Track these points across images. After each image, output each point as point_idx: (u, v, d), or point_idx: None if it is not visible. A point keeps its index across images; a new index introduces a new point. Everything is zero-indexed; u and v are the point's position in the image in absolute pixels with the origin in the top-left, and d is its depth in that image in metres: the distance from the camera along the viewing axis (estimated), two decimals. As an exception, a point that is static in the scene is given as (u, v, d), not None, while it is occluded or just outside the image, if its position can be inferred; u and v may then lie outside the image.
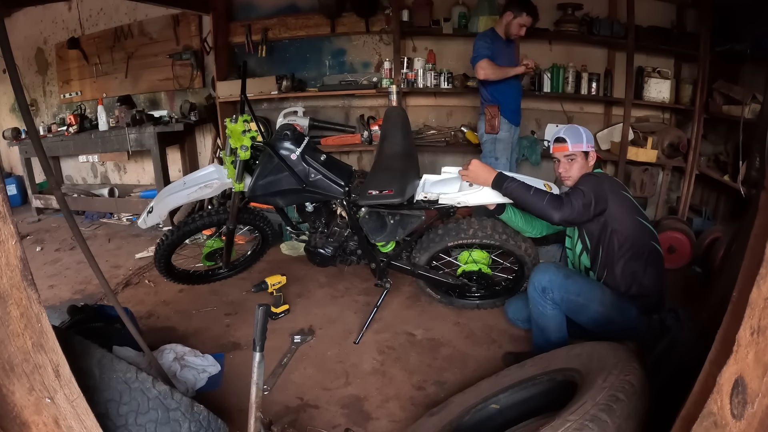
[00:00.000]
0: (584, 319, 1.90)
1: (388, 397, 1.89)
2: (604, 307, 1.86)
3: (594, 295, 1.87)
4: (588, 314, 1.88)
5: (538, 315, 1.93)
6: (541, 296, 1.88)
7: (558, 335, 1.92)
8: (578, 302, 1.86)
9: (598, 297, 1.87)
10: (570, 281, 1.87)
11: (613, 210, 1.87)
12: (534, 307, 1.93)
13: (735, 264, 0.90)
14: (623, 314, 1.86)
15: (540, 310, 1.90)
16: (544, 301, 1.88)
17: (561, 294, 1.85)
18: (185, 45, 4.18)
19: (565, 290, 1.85)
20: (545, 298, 1.87)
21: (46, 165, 1.26)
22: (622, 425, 1.05)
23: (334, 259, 2.37)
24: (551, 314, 1.89)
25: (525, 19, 2.88)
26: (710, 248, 2.81)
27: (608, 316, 1.86)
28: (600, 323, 1.88)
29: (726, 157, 3.12)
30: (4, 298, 0.82)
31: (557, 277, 1.87)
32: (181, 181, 2.40)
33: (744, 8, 2.92)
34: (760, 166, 2.40)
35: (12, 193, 5.03)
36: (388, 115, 2.61)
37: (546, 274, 1.88)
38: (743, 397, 0.80)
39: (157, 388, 1.30)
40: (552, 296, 1.86)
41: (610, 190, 1.87)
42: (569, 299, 1.86)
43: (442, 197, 2.09)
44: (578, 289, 1.87)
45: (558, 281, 1.86)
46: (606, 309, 1.86)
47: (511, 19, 2.89)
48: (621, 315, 1.86)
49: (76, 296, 2.82)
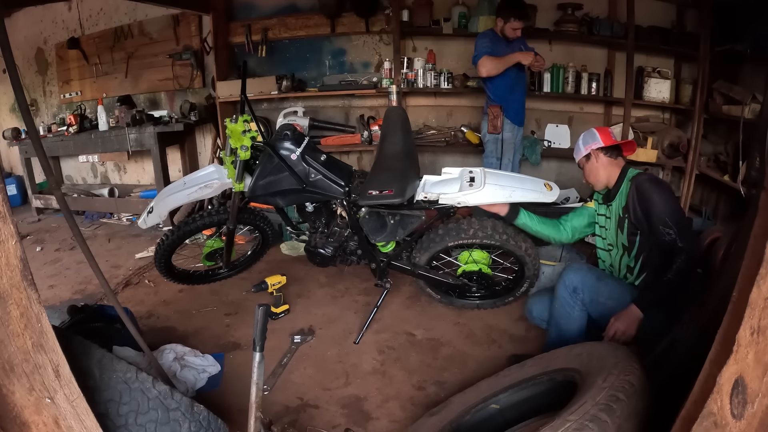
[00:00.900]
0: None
1: (388, 397, 1.89)
2: None
3: (624, 298, 1.81)
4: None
5: (563, 316, 1.90)
6: (571, 296, 1.86)
7: (576, 339, 1.87)
8: (607, 305, 1.83)
9: (628, 302, 1.79)
10: (602, 284, 1.85)
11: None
12: (561, 307, 1.90)
13: (735, 264, 0.90)
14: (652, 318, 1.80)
15: (567, 311, 1.88)
16: (574, 302, 1.85)
17: (591, 296, 1.83)
18: (185, 45, 4.18)
19: (596, 292, 1.83)
20: (575, 298, 1.85)
21: (46, 165, 1.26)
22: (622, 425, 1.05)
23: (334, 259, 2.37)
24: (578, 316, 1.87)
25: (515, 24, 2.91)
26: (710, 248, 2.81)
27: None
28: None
29: (726, 157, 3.12)
30: (4, 298, 0.82)
31: (590, 279, 1.85)
32: (181, 181, 2.40)
33: (744, 8, 2.92)
34: (760, 166, 2.40)
35: (12, 193, 5.03)
36: (388, 115, 2.61)
37: (579, 273, 1.86)
38: (743, 397, 0.80)
39: (157, 388, 1.30)
40: (582, 297, 1.84)
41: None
42: (598, 302, 1.84)
43: (442, 197, 2.09)
44: (609, 293, 1.84)
45: (590, 283, 1.84)
46: None
47: (503, 25, 2.94)
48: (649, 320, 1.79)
49: (76, 296, 2.82)
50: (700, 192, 3.58)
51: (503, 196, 2.04)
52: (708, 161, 3.35)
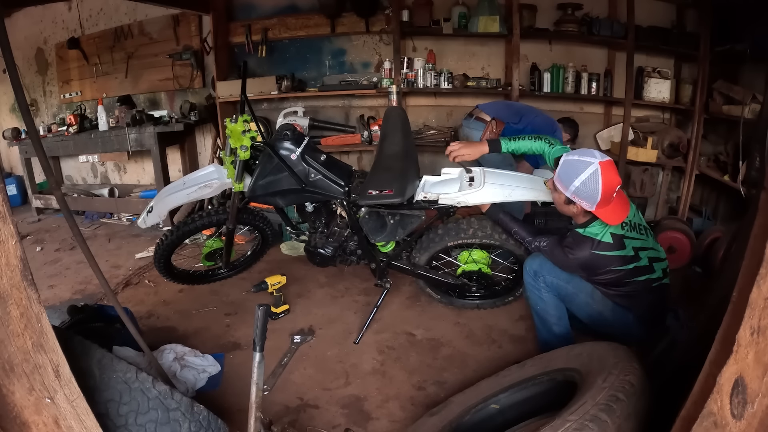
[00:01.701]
0: (578, 311, 1.95)
1: (388, 397, 1.89)
2: (593, 301, 1.88)
3: (583, 285, 1.90)
4: (580, 305, 1.92)
5: (536, 301, 1.96)
6: (534, 280, 1.93)
7: (560, 324, 1.94)
8: (568, 289, 1.90)
9: (587, 289, 1.90)
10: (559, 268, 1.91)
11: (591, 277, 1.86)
12: (531, 293, 1.98)
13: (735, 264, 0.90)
14: (616, 315, 1.87)
15: (537, 294, 1.94)
16: (538, 285, 1.92)
17: (551, 278, 1.90)
18: (185, 45, 4.18)
19: (555, 275, 1.90)
20: (537, 281, 1.92)
21: (46, 165, 1.26)
22: (622, 425, 1.05)
23: (334, 259, 2.37)
24: (547, 298, 1.92)
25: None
26: (710, 248, 2.81)
27: (600, 312, 1.89)
28: (593, 318, 1.91)
29: (726, 157, 3.12)
30: (4, 298, 0.82)
31: (547, 263, 1.92)
32: (180, 181, 2.40)
33: (744, 8, 2.92)
34: (760, 166, 2.40)
35: (12, 193, 5.02)
36: (388, 115, 2.61)
37: (536, 258, 1.96)
38: (743, 397, 0.80)
39: (157, 388, 1.31)
40: (544, 279, 1.90)
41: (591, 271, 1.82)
42: (559, 285, 1.90)
43: (442, 197, 2.09)
44: (568, 276, 1.90)
45: (548, 266, 1.91)
46: (596, 304, 1.88)
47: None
48: (613, 314, 1.87)
49: (76, 296, 2.82)
50: (700, 192, 3.58)
51: (503, 195, 2.04)
52: (708, 161, 3.35)
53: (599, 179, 1.61)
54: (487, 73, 3.79)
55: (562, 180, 1.71)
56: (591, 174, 1.62)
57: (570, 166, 1.68)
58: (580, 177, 1.64)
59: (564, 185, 1.70)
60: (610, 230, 1.75)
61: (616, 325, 1.87)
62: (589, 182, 1.62)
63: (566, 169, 1.69)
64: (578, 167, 1.65)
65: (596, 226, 1.76)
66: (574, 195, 1.68)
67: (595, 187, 1.62)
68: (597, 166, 1.61)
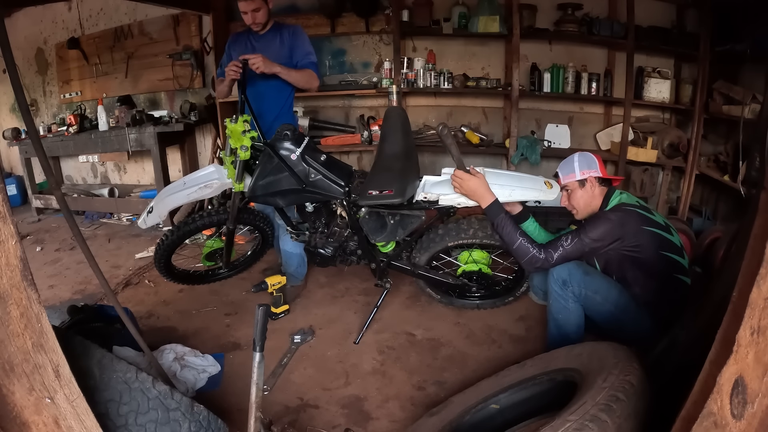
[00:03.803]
0: (598, 317, 1.90)
1: (388, 397, 1.89)
2: (618, 310, 1.83)
3: (611, 295, 1.84)
4: (602, 313, 1.86)
5: (560, 310, 1.90)
6: (561, 289, 1.86)
7: (577, 332, 1.90)
8: (596, 300, 1.84)
9: (614, 298, 1.84)
10: (589, 278, 1.85)
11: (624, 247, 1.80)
12: (555, 301, 1.90)
13: (735, 264, 0.90)
14: (636, 321, 1.84)
15: (562, 304, 1.88)
16: (566, 294, 1.86)
17: (580, 289, 1.84)
18: (185, 45, 4.18)
19: (585, 285, 1.84)
20: (566, 290, 1.85)
21: (46, 165, 1.26)
22: (622, 425, 1.05)
23: (334, 259, 2.36)
24: (573, 308, 1.87)
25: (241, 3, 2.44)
26: (710, 248, 2.81)
27: (621, 320, 1.84)
28: (611, 324, 1.86)
29: (726, 157, 3.12)
30: (4, 298, 0.82)
31: (577, 272, 1.85)
32: (181, 181, 2.40)
33: (744, 8, 2.92)
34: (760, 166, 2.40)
35: (12, 193, 5.03)
36: (388, 115, 2.61)
37: (565, 267, 1.87)
38: (743, 397, 0.80)
39: (157, 388, 1.30)
40: (572, 289, 1.84)
41: (624, 233, 1.77)
42: (587, 295, 1.84)
43: (442, 198, 2.09)
44: (597, 287, 1.85)
45: (578, 276, 1.84)
46: (621, 312, 1.83)
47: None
48: (634, 321, 1.83)
49: (76, 296, 2.82)
50: (700, 192, 3.58)
51: (503, 195, 2.04)
52: (708, 161, 3.35)
53: (587, 154, 1.96)
54: (487, 73, 3.79)
55: (566, 172, 1.94)
56: (579, 154, 1.96)
57: (564, 165, 1.97)
58: (575, 160, 1.93)
59: (570, 173, 1.93)
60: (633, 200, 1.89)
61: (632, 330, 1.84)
62: (582, 158, 1.93)
63: (563, 167, 1.96)
64: (569, 160, 1.96)
65: (617, 196, 1.91)
66: (583, 171, 1.90)
67: (589, 157, 1.94)
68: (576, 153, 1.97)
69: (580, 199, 1.93)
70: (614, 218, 1.79)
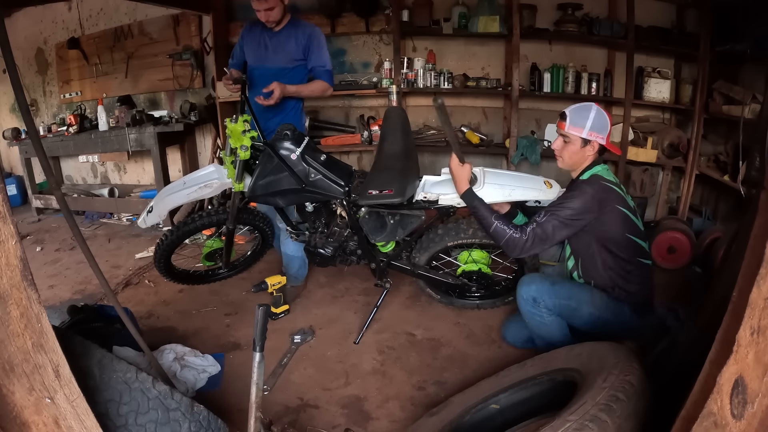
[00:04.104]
0: (580, 323, 1.88)
1: (388, 397, 1.89)
2: (595, 308, 1.84)
3: (583, 296, 1.85)
4: (582, 317, 1.86)
5: (538, 326, 1.89)
6: (534, 307, 1.85)
7: (564, 341, 1.88)
8: (570, 306, 1.84)
9: (587, 298, 1.85)
10: (557, 286, 1.86)
11: (598, 225, 1.79)
12: (531, 320, 1.89)
13: (735, 264, 0.90)
14: (616, 314, 1.85)
15: (538, 320, 1.87)
16: (539, 311, 1.85)
17: (552, 300, 1.83)
18: (185, 45, 4.18)
19: (555, 296, 1.83)
20: (538, 307, 1.84)
21: (46, 165, 1.26)
22: (622, 425, 1.05)
23: (334, 259, 2.36)
24: (550, 321, 1.86)
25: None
26: (710, 248, 2.81)
27: (602, 317, 1.84)
28: (596, 325, 1.86)
29: (726, 157, 3.12)
30: (4, 298, 0.82)
31: (544, 285, 1.85)
32: (180, 181, 2.40)
33: (744, 8, 2.92)
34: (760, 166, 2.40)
35: (12, 193, 5.02)
36: (388, 115, 2.61)
37: (532, 284, 1.86)
38: (743, 397, 0.80)
39: (157, 388, 1.30)
40: (545, 304, 1.83)
41: (599, 209, 1.76)
42: (561, 303, 1.83)
43: (442, 197, 2.09)
44: (567, 293, 1.85)
45: (545, 288, 1.84)
46: (598, 310, 1.84)
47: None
48: (614, 315, 1.84)
49: (76, 296, 2.82)
50: (700, 192, 3.58)
51: (503, 195, 2.04)
52: (708, 161, 3.35)
53: (604, 113, 1.81)
54: (487, 73, 3.79)
55: (575, 123, 1.80)
56: (597, 110, 1.80)
57: (577, 112, 1.81)
58: (590, 115, 1.79)
59: (578, 127, 1.80)
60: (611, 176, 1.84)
61: (616, 324, 1.85)
62: (598, 116, 1.79)
63: (575, 114, 1.81)
64: (584, 109, 1.81)
65: (598, 168, 1.84)
66: (591, 132, 1.79)
67: (605, 118, 1.81)
68: (595, 105, 1.82)
69: (574, 155, 1.85)
70: (591, 191, 1.76)
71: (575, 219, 1.76)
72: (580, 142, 1.81)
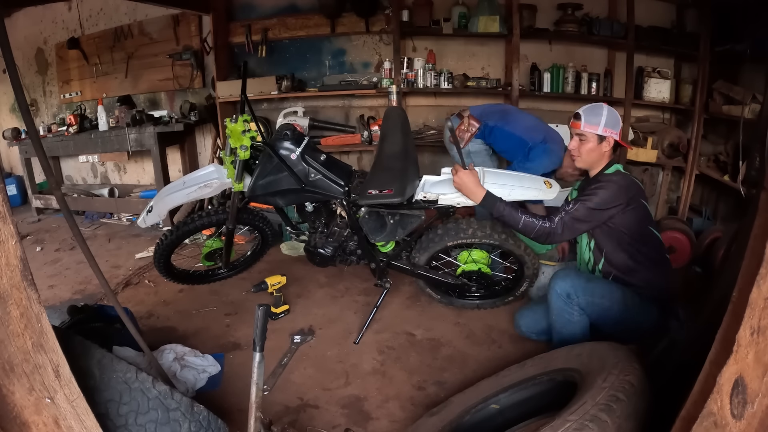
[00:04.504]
0: (610, 323, 1.84)
1: (388, 397, 1.89)
2: (627, 308, 1.80)
3: (616, 296, 1.82)
4: (613, 317, 1.82)
5: (564, 324, 1.86)
6: (566, 303, 1.82)
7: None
8: (603, 305, 1.81)
9: (620, 298, 1.81)
10: (592, 284, 1.83)
11: (626, 218, 1.80)
12: (559, 316, 1.86)
13: (735, 264, 0.90)
14: (645, 313, 1.83)
15: (567, 318, 1.84)
16: (571, 308, 1.82)
17: (586, 298, 1.80)
18: (185, 45, 4.18)
19: (590, 293, 1.81)
20: (571, 304, 1.81)
21: (46, 165, 1.26)
22: (622, 425, 1.05)
23: (334, 259, 2.36)
24: (578, 321, 1.83)
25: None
26: (710, 248, 2.82)
27: (634, 318, 1.82)
28: (628, 326, 1.83)
29: (726, 157, 3.12)
30: (4, 298, 0.82)
31: (579, 282, 1.82)
32: (180, 181, 2.40)
33: (744, 8, 2.92)
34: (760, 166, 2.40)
35: (12, 193, 5.02)
36: (388, 115, 2.61)
37: (567, 279, 1.84)
38: (743, 397, 0.80)
39: (157, 388, 1.30)
40: (578, 301, 1.80)
41: (628, 199, 1.78)
42: (594, 302, 1.81)
43: (441, 197, 2.09)
44: (602, 291, 1.82)
45: (581, 285, 1.81)
46: (629, 310, 1.81)
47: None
48: (646, 315, 1.82)
49: (76, 296, 2.82)
50: (700, 192, 3.59)
51: (503, 194, 2.04)
52: (708, 161, 3.35)
53: (614, 111, 1.88)
54: (487, 73, 3.79)
55: (590, 122, 1.85)
56: (608, 108, 1.87)
57: (591, 111, 1.87)
58: (603, 113, 1.85)
59: (593, 125, 1.85)
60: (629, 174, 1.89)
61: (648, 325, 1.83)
62: (611, 114, 1.86)
63: (589, 113, 1.86)
64: (596, 108, 1.87)
65: (618, 165, 1.89)
66: (606, 128, 1.84)
67: (616, 115, 1.87)
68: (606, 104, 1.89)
69: (592, 152, 1.88)
70: (620, 182, 1.81)
71: (604, 209, 1.78)
72: (597, 139, 1.86)
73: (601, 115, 1.84)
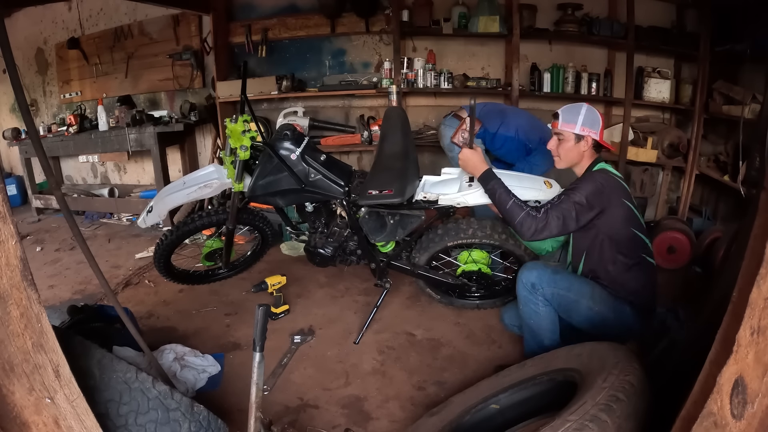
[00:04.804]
0: (578, 318, 1.86)
1: (388, 397, 1.89)
2: (594, 303, 1.82)
3: (584, 290, 1.83)
4: (581, 312, 1.84)
5: (531, 315, 1.88)
6: (531, 293, 1.85)
7: (551, 338, 1.88)
8: (569, 298, 1.82)
9: (588, 292, 1.83)
10: (558, 276, 1.85)
11: (606, 219, 1.80)
12: (525, 306, 1.89)
13: (735, 264, 0.90)
14: (617, 312, 1.83)
15: (532, 308, 1.86)
16: (536, 299, 1.84)
17: (551, 289, 1.82)
18: (185, 45, 4.18)
19: (555, 285, 1.82)
20: (536, 294, 1.84)
21: (46, 165, 1.26)
22: (622, 425, 1.05)
23: (334, 259, 2.37)
24: (543, 312, 1.85)
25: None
26: (710, 248, 2.81)
27: (602, 314, 1.82)
28: (595, 322, 1.84)
29: (726, 157, 3.12)
30: (4, 298, 0.82)
31: (545, 273, 1.84)
32: (180, 181, 2.40)
33: (744, 8, 2.92)
34: (760, 166, 2.40)
35: (12, 193, 5.03)
36: (388, 115, 2.61)
37: (533, 270, 1.86)
38: (743, 397, 0.80)
39: (157, 388, 1.30)
40: (542, 292, 1.82)
41: (609, 200, 1.78)
42: (559, 294, 1.82)
43: (441, 197, 2.09)
44: (567, 284, 1.84)
45: (546, 276, 1.83)
46: (597, 305, 1.81)
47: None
48: (614, 312, 1.83)
49: (76, 296, 2.82)
50: (700, 192, 3.58)
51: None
52: (708, 161, 3.35)
53: (594, 110, 1.89)
54: (487, 73, 3.79)
55: (567, 121, 1.87)
56: (587, 107, 1.88)
57: (568, 110, 1.89)
58: (581, 112, 1.86)
59: (571, 123, 1.87)
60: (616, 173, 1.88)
61: (616, 324, 1.83)
62: (589, 113, 1.87)
63: (567, 112, 1.88)
64: (575, 108, 1.89)
65: (604, 165, 1.88)
66: (583, 127, 1.85)
67: (596, 115, 1.88)
68: (586, 104, 1.90)
69: (570, 151, 1.89)
70: (601, 179, 1.80)
71: (586, 205, 1.77)
72: (574, 138, 1.87)
73: (579, 114, 1.85)
